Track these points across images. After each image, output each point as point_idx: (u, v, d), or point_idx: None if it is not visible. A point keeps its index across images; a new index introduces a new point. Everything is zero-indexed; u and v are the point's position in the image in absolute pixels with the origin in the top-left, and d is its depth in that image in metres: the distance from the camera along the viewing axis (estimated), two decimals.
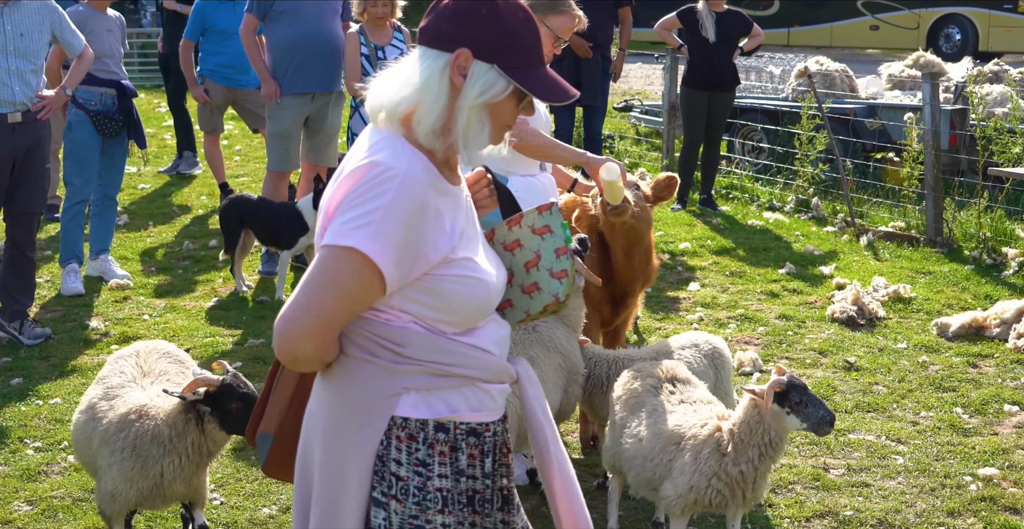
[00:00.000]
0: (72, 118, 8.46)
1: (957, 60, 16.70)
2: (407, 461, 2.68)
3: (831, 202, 11.43)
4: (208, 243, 10.09)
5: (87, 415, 4.54)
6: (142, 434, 4.33)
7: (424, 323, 2.67)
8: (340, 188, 2.61)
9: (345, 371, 2.70)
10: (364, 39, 8.77)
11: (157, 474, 4.35)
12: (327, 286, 2.55)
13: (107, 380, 4.63)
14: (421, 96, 2.62)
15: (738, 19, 11.33)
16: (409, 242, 2.56)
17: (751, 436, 4.29)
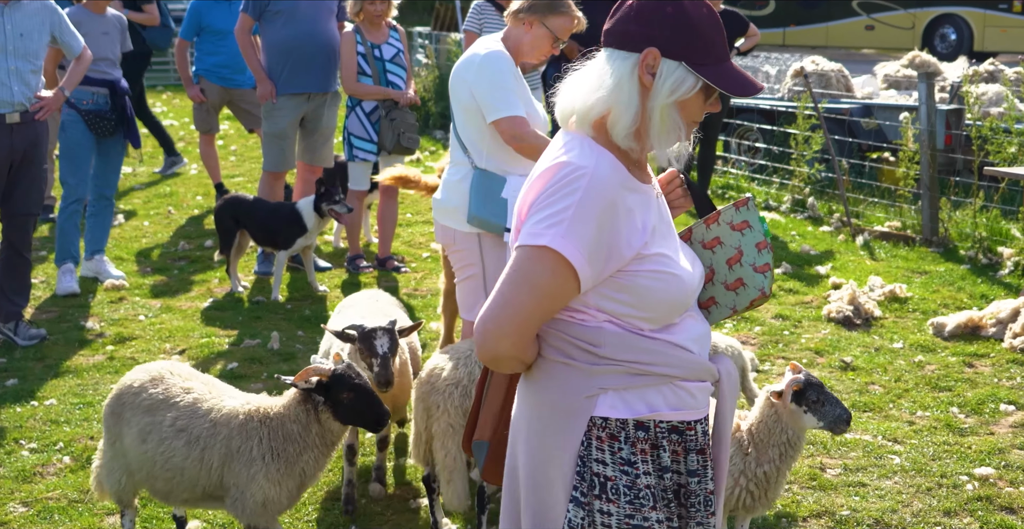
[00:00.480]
0: (65, 118, 8.46)
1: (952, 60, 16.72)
2: (611, 461, 2.68)
3: (827, 202, 11.43)
4: (204, 243, 10.08)
5: (182, 441, 4.31)
6: (274, 436, 4.26)
7: (620, 321, 2.68)
8: (531, 190, 2.65)
9: (543, 374, 2.74)
10: (360, 38, 8.77)
11: (300, 472, 4.30)
12: (522, 285, 2.58)
13: (171, 404, 4.39)
14: (614, 99, 2.64)
15: (734, 19, 11.31)
16: (601, 239, 2.58)
17: (770, 436, 4.28)
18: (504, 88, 5.03)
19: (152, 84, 23.50)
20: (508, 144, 5.08)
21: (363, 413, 4.25)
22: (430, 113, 16.59)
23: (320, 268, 9.17)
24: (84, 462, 5.61)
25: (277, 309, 8.25)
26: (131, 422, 4.42)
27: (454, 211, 5.20)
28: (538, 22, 5.15)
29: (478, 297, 5.26)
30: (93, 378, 6.80)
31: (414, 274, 9.15)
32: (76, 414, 6.21)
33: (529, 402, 2.77)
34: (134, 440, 4.40)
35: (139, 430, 4.38)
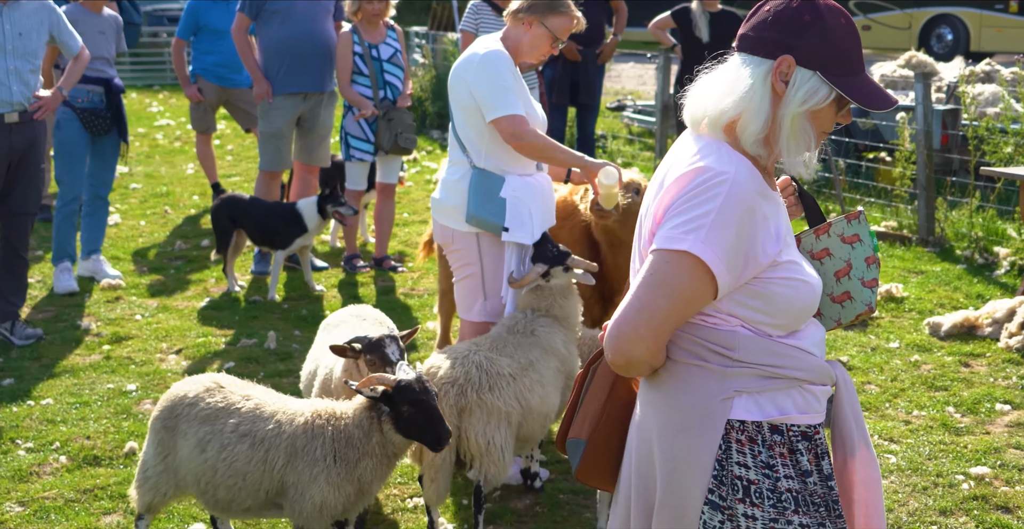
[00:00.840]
0: (60, 116, 8.45)
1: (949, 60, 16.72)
2: (753, 464, 2.67)
3: (824, 202, 11.43)
4: (200, 243, 10.08)
5: (246, 444, 4.22)
6: (338, 438, 4.18)
7: (751, 326, 2.67)
8: (667, 193, 2.63)
9: (675, 377, 2.72)
10: (358, 38, 8.77)
11: (358, 478, 4.20)
12: (660, 289, 2.58)
13: (232, 411, 4.30)
14: (745, 105, 2.64)
15: (732, 19, 11.33)
16: (739, 246, 2.58)
17: None
18: (504, 87, 5.03)
19: (148, 84, 23.51)
20: (508, 143, 5.08)
21: (423, 429, 4.13)
22: (427, 113, 16.58)
23: (317, 268, 9.17)
24: (80, 462, 5.61)
25: (274, 309, 8.25)
26: (187, 433, 4.31)
27: (452, 210, 5.20)
28: (537, 22, 5.15)
29: (476, 297, 5.26)
30: (89, 378, 6.79)
31: (411, 274, 9.15)
32: (72, 413, 6.21)
33: (660, 405, 2.75)
34: (192, 451, 4.29)
35: (197, 440, 4.28)
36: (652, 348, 2.63)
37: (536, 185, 5.23)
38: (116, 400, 6.42)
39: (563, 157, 5.23)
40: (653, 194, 2.71)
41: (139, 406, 6.37)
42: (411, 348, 7.38)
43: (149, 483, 4.47)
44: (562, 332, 5.16)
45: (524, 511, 5.23)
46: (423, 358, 7.15)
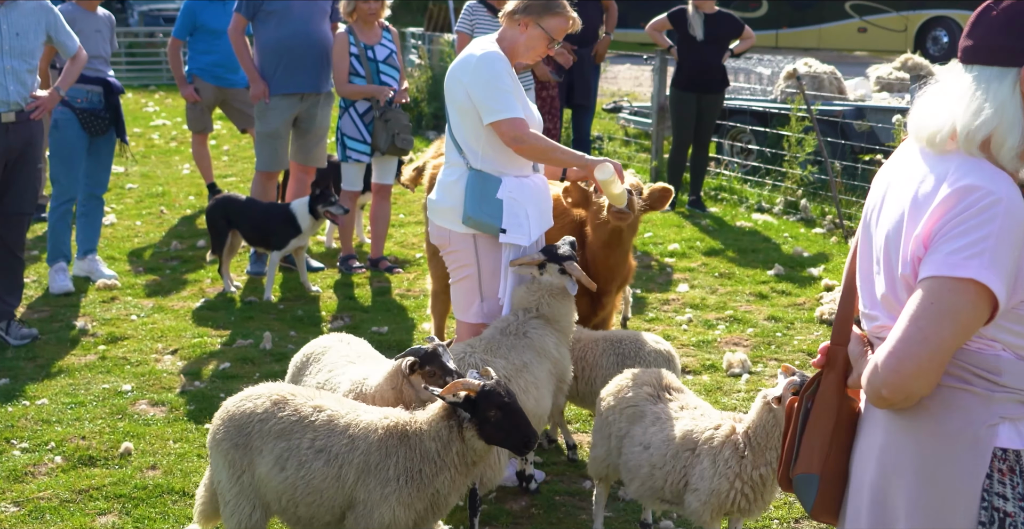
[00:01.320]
0: (58, 116, 8.43)
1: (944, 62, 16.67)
2: (1012, 495, 2.55)
3: (820, 204, 11.45)
4: (196, 243, 10.07)
5: (322, 461, 4.10)
6: (411, 455, 4.06)
7: (1013, 351, 2.56)
8: (931, 216, 2.50)
9: (939, 402, 2.59)
10: (354, 39, 8.76)
11: (433, 493, 4.09)
12: (943, 319, 2.44)
13: (306, 425, 4.16)
14: (997, 121, 2.51)
15: (728, 21, 11.34)
16: (1014, 269, 2.46)
17: (767, 439, 4.28)
18: (502, 89, 5.03)
19: (144, 84, 23.49)
20: (508, 146, 5.07)
21: (510, 434, 4.05)
22: (423, 114, 16.58)
23: (312, 268, 9.17)
24: (76, 462, 5.59)
25: (269, 309, 8.24)
26: (263, 451, 4.18)
27: (449, 212, 5.19)
28: (533, 23, 5.15)
29: (473, 298, 5.25)
30: (85, 378, 6.78)
31: (406, 275, 9.14)
32: (68, 414, 6.20)
33: (918, 433, 2.61)
34: (271, 469, 4.16)
35: (275, 457, 4.15)
36: (933, 382, 2.49)
37: (533, 186, 5.23)
38: (111, 400, 6.41)
39: (563, 157, 5.23)
40: (901, 213, 2.57)
41: (134, 406, 6.36)
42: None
43: (229, 507, 4.29)
44: (554, 335, 5.15)
45: (520, 513, 5.23)
46: None
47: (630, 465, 4.61)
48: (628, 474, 4.64)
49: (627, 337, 5.52)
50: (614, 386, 4.87)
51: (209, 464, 4.43)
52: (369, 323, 7.89)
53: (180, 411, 6.30)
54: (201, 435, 5.95)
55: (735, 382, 6.78)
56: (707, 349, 7.40)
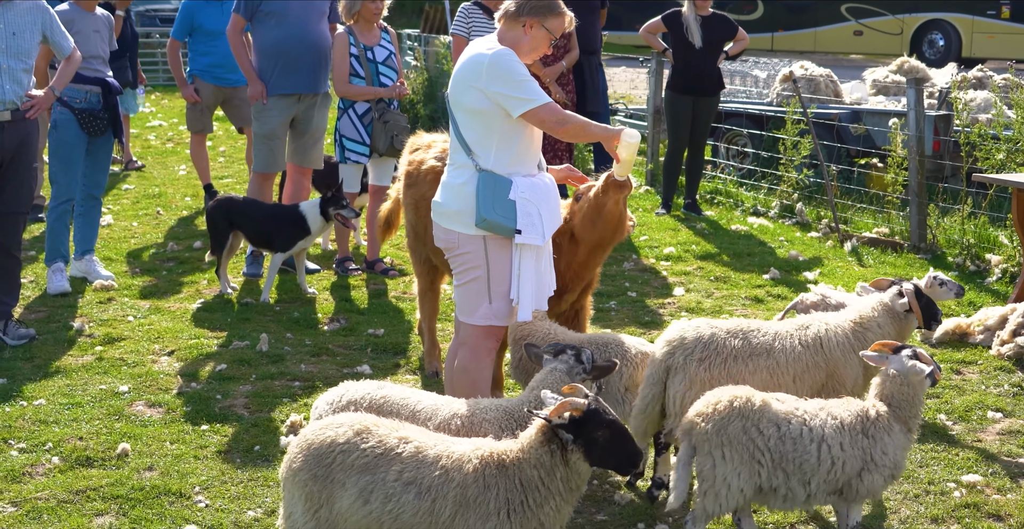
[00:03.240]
0: (57, 117, 8.43)
1: (940, 66, 16.79)
2: None
3: (815, 207, 11.47)
4: (193, 245, 10.07)
5: (412, 494, 3.94)
6: (511, 486, 3.90)
7: None
8: None
9: None
10: (353, 40, 8.77)
11: (537, 525, 3.94)
12: None
13: (392, 457, 4.00)
14: None
15: (723, 23, 11.35)
16: None
17: (915, 397, 4.70)
18: (525, 80, 5.06)
19: None
20: (551, 130, 5.13)
21: (618, 453, 3.93)
22: (419, 116, 16.58)
23: (309, 270, 9.17)
24: (73, 462, 5.60)
25: (266, 311, 8.25)
26: (346, 484, 4.02)
27: (457, 214, 5.17)
28: (539, 24, 5.17)
29: (481, 300, 5.21)
30: (82, 378, 6.78)
31: (402, 277, 9.15)
32: (65, 414, 6.20)
33: None
34: (354, 503, 4.00)
35: (359, 491, 3.99)
36: None
37: (543, 186, 5.23)
38: (108, 401, 6.41)
39: (597, 131, 5.33)
40: None
41: (131, 407, 6.36)
42: (402, 353, 7.39)
43: None
44: None
45: None
46: (415, 365, 7.16)
47: (807, 466, 4.54)
48: (804, 476, 4.56)
49: (611, 340, 5.56)
50: (723, 407, 4.60)
51: (283, 497, 4.27)
52: (365, 325, 7.90)
53: (177, 412, 6.31)
54: (198, 436, 5.96)
55: None
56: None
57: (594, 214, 5.66)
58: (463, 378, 5.32)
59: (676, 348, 5.12)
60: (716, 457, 4.55)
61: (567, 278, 5.84)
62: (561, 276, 5.76)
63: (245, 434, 6.02)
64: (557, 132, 5.15)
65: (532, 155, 5.28)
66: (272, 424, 6.13)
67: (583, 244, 5.78)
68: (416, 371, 7.07)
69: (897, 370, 4.67)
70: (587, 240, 5.76)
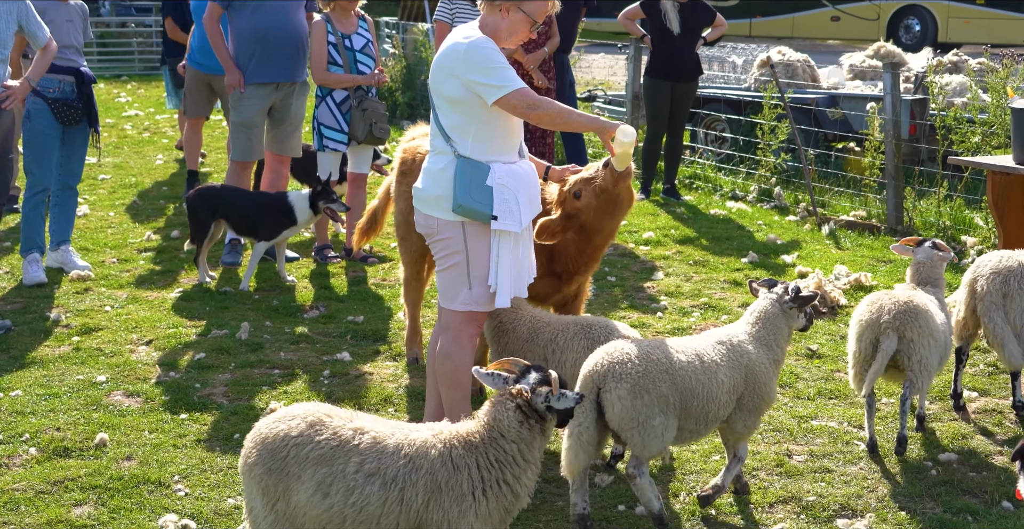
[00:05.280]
0: (31, 106, 8.37)
1: (917, 51, 16.83)
2: None
3: (793, 191, 11.50)
4: (170, 234, 10.03)
5: (376, 485, 3.92)
6: (485, 463, 3.99)
7: None
8: None
9: None
10: (331, 28, 8.75)
11: (512, 498, 4.04)
12: None
13: (350, 449, 3.97)
14: None
15: (701, 9, 11.36)
16: None
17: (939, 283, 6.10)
18: (501, 66, 5.04)
19: (117, 74, 23.35)
20: (524, 116, 5.10)
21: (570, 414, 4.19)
22: (398, 103, 16.56)
23: (288, 258, 9.14)
24: (51, 453, 5.57)
25: (245, 299, 8.22)
26: (302, 477, 3.96)
27: (437, 200, 5.17)
28: (515, 7, 5.14)
29: (461, 285, 5.21)
30: (59, 369, 6.76)
31: (382, 264, 9.14)
32: (42, 405, 6.18)
33: None
34: (312, 496, 3.95)
35: (316, 484, 3.94)
36: None
37: (521, 172, 5.22)
38: (86, 391, 6.39)
39: (582, 121, 5.31)
40: None
41: (109, 397, 6.34)
42: (382, 340, 7.39)
43: None
44: None
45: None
46: (396, 351, 7.16)
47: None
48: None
49: (597, 322, 5.53)
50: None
51: (243, 492, 4.24)
52: (345, 312, 7.89)
53: (155, 402, 6.29)
54: (177, 425, 5.95)
55: None
56: (682, 336, 7.43)
57: (610, 206, 5.67)
58: (445, 363, 5.32)
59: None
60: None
61: (579, 263, 5.89)
62: (574, 261, 5.84)
63: (225, 422, 6.01)
64: (530, 117, 5.13)
65: (512, 142, 5.27)
66: (252, 412, 6.12)
67: (598, 232, 5.78)
68: (396, 357, 7.07)
69: (925, 258, 5.95)
70: (603, 228, 5.78)
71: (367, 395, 6.39)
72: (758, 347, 5.04)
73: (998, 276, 6.02)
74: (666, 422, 4.72)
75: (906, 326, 5.58)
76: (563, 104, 5.29)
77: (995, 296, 5.99)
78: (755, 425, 5.09)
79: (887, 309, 5.61)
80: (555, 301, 6.18)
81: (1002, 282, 6.00)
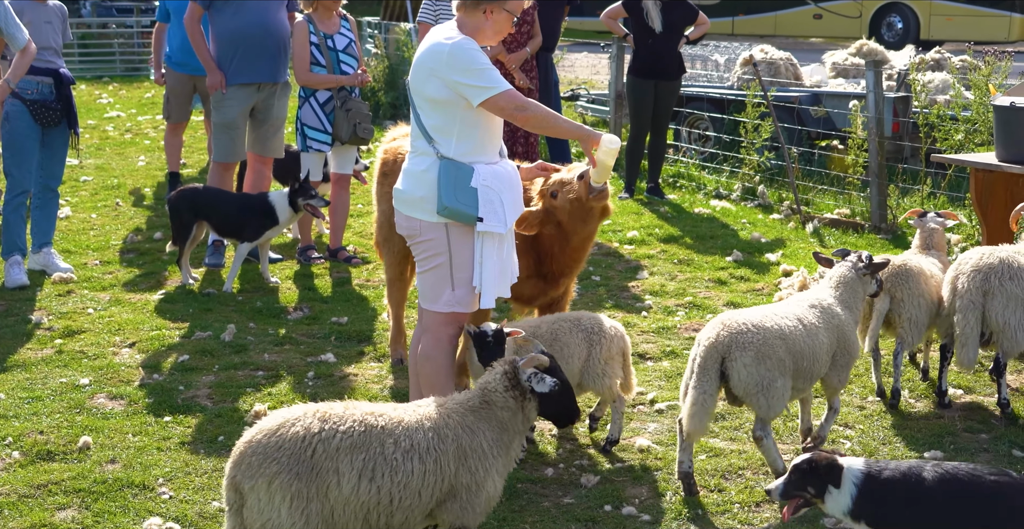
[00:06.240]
0: (9, 108, 8.31)
1: (899, 48, 16.89)
2: None
3: (777, 190, 11.51)
4: (153, 236, 9.98)
5: (416, 460, 4.11)
6: (491, 427, 4.33)
7: None
8: None
9: None
10: (313, 28, 8.72)
11: (508, 459, 4.39)
12: None
13: (379, 431, 4.10)
14: None
15: (684, 8, 11.36)
16: None
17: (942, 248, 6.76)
18: (485, 68, 5.02)
19: (98, 75, 23.24)
20: (511, 118, 5.08)
21: (563, 407, 4.48)
22: (380, 103, 16.53)
23: (271, 260, 9.10)
24: (34, 457, 5.54)
25: (228, 301, 8.19)
26: (340, 469, 4.01)
27: (420, 201, 5.14)
28: (499, 8, 5.14)
29: (444, 286, 5.19)
30: (42, 372, 6.71)
31: (365, 265, 9.11)
32: (25, 408, 6.14)
33: None
34: (358, 483, 4.02)
35: (359, 471, 4.02)
36: None
37: (505, 173, 5.20)
38: (69, 394, 6.35)
39: (566, 127, 5.28)
40: None
41: (92, 400, 6.30)
42: (366, 341, 7.36)
43: None
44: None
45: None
46: (380, 352, 7.14)
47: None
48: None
49: (584, 316, 5.77)
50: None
51: (229, 510, 4.13)
52: (329, 313, 7.86)
53: (139, 404, 6.25)
54: (161, 428, 5.91)
55: None
56: (667, 335, 7.43)
57: (582, 214, 5.74)
58: (427, 365, 5.31)
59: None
60: None
61: (562, 264, 5.98)
62: (556, 261, 5.93)
63: (209, 425, 5.98)
64: (517, 119, 5.12)
65: (493, 143, 5.25)
66: (236, 414, 6.10)
67: (574, 234, 5.82)
68: (381, 358, 7.04)
69: (936, 224, 6.56)
70: (578, 232, 5.83)
71: (352, 396, 6.36)
72: (843, 309, 5.52)
73: (978, 274, 6.02)
74: (785, 384, 5.15)
75: (896, 287, 6.12)
76: (551, 109, 5.27)
77: (975, 294, 5.99)
78: (847, 379, 5.61)
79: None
80: (541, 303, 6.19)
81: (983, 279, 6.00)
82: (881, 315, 6.16)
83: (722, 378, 5.13)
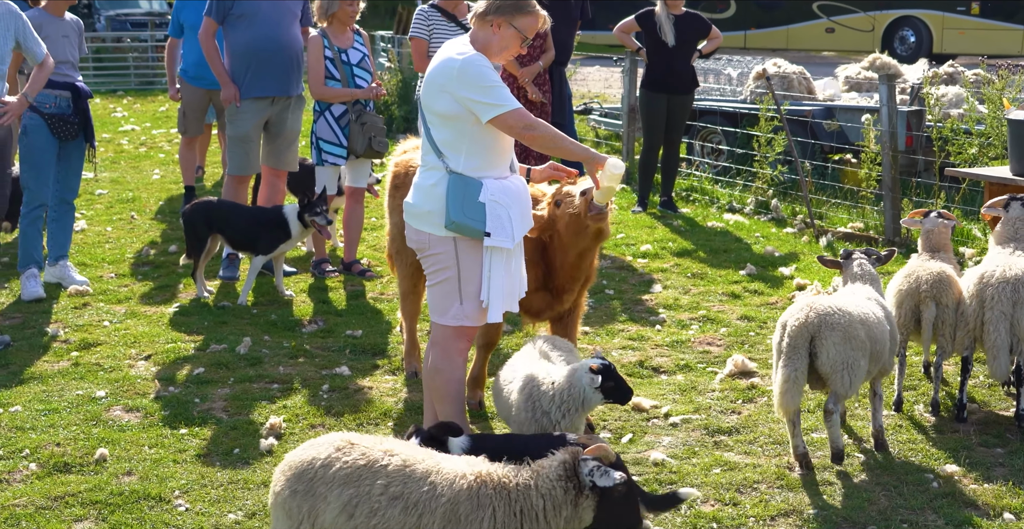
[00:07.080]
0: (27, 122, 8.37)
1: (912, 62, 16.88)
2: None
3: (790, 203, 11.51)
4: (168, 249, 10.02)
5: (398, 509, 3.84)
6: (509, 511, 3.83)
7: None
8: None
9: None
10: (328, 43, 8.76)
11: None
12: None
13: (377, 470, 3.90)
14: None
15: (696, 22, 11.39)
16: None
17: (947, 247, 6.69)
18: (495, 85, 5.04)
19: (112, 89, 23.37)
20: (519, 136, 5.09)
21: (624, 515, 3.92)
22: (394, 117, 16.59)
23: (286, 273, 9.13)
24: (51, 469, 5.56)
25: (243, 314, 8.21)
26: (328, 497, 3.91)
27: (428, 215, 5.17)
28: (506, 23, 5.15)
29: (452, 300, 5.21)
30: (58, 384, 6.74)
31: (380, 278, 9.14)
32: (42, 420, 6.16)
33: None
34: (337, 516, 3.89)
35: (343, 504, 3.88)
36: None
37: (513, 188, 5.22)
38: (85, 406, 6.38)
39: (573, 148, 5.25)
40: None
41: (109, 412, 6.33)
42: (380, 354, 7.38)
43: None
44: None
45: None
46: (395, 365, 7.15)
47: None
48: None
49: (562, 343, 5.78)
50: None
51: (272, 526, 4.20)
52: (343, 327, 7.88)
53: (155, 417, 6.28)
54: (177, 440, 5.94)
55: (709, 381, 6.81)
56: (681, 349, 7.43)
57: (579, 230, 5.73)
58: (436, 378, 5.33)
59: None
60: None
61: (561, 278, 5.95)
62: (556, 274, 5.90)
63: (224, 437, 6.00)
64: (525, 138, 5.13)
65: (504, 157, 5.27)
66: (251, 426, 6.11)
67: (572, 247, 5.83)
68: (395, 371, 7.06)
69: (932, 227, 6.57)
70: (574, 245, 5.82)
71: (366, 409, 6.38)
72: (882, 301, 5.89)
73: (1007, 284, 6.04)
74: (864, 365, 5.51)
75: (942, 294, 6.25)
76: (558, 130, 5.28)
77: (1005, 305, 6.02)
78: (892, 364, 5.92)
79: (924, 279, 6.24)
80: (549, 316, 6.20)
81: (1012, 290, 6.02)
82: (930, 323, 6.24)
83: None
